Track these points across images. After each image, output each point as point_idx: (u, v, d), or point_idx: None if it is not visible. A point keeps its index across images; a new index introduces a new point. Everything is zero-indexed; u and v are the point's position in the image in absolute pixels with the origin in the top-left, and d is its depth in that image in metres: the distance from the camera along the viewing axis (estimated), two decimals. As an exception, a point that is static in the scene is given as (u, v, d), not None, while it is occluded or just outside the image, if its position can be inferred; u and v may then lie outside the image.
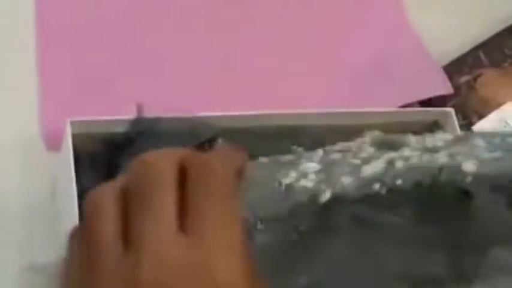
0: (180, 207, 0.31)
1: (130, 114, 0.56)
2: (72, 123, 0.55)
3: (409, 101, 0.69)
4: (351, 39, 0.75)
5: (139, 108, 0.56)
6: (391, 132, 0.61)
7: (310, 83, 0.71)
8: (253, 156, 0.58)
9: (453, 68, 0.73)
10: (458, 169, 0.47)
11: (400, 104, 0.68)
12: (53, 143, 0.63)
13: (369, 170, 0.47)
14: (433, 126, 0.64)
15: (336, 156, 0.49)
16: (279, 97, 0.69)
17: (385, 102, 0.68)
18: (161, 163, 0.31)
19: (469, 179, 0.47)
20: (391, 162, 0.47)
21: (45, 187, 0.63)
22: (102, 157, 0.57)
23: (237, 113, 0.58)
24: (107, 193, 0.32)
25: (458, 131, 0.63)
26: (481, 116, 0.72)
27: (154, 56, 0.70)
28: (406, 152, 0.48)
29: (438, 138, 0.51)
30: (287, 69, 0.71)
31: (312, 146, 0.59)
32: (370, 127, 0.61)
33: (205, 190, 0.31)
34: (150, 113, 0.56)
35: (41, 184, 0.63)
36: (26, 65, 0.68)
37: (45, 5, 0.71)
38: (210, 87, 0.69)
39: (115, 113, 0.57)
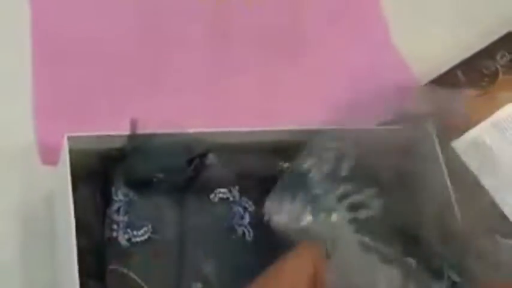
0: None
1: (125, 130, 0.58)
2: (70, 138, 0.56)
3: (389, 118, 0.71)
4: (332, 57, 0.77)
5: (134, 124, 0.58)
6: (372, 148, 0.63)
7: (293, 100, 0.73)
8: (243, 171, 0.61)
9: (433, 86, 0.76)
10: None
11: (379, 121, 0.70)
12: (48, 157, 0.65)
13: None
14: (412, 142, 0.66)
15: None
16: (261, 112, 0.71)
17: (366, 119, 0.70)
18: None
19: None
20: None
21: (41, 200, 0.65)
22: (97, 172, 0.59)
23: (227, 129, 0.60)
24: None
25: (438, 148, 0.66)
26: (460, 133, 0.75)
27: (149, 69, 0.72)
28: None
29: None
30: (272, 86, 0.74)
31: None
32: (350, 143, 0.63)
33: None
34: (144, 128, 0.58)
35: (37, 197, 0.65)
36: (21, 76, 0.69)
37: (41, 17, 0.72)
38: (205, 98, 0.71)
39: (110, 126, 0.58)
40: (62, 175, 0.57)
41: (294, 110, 0.72)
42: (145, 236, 0.57)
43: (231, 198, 0.61)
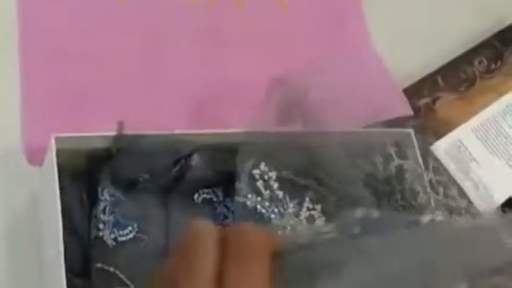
0: (218, 270, 0.36)
1: (111, 131, 0.58)
2: (57, 139, 0.57)
3: (370, 122, 0.72)
4: (313, 60, 0.76)
5: (120, 125, 0.58)
6: (353, 151, 0.64)
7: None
8: (227, 172, 0.61)
9: (413, 91, 0.77)
10: None
11: (362, 125, 0.71)
12: (34, 157, 0.64)
13: None
14: (393, 146, 0.67)
15: None
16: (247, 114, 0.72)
17: (346, 122, 0.71)
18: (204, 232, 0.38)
19: None
20: None
21: (27, 200, 0.65)
22: (82, 172, 0.59)
23: (212, 131, 0.61)
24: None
25: (417, 151, 0.67)
26: (439, 137, 0.76)
27: (139, 69, 0.72)
28: None
29: None
30: (256, 88, 0.74)
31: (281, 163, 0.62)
32: (332, 146, 0.64)
33: (237, 253, 0.37)
34: (130, 129, 0.58)
35: (22, 197, 0.65)
36: (8, 77, 0.69)
37: (29, 18, 0.72)
38: (196, 100, 0.72)
39: (96, 127, 0.59)
40: (48, 175, 0.57)
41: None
42: (131, 235, 0.57)
43: (215, 199, 0.61)
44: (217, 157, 0.61)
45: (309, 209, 0.62)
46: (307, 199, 0.62)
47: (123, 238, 0.57)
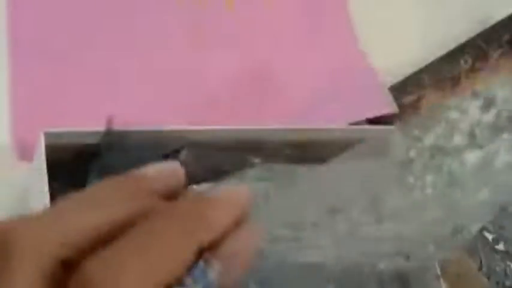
0: None
1: (101, 126, 0.59)
2: (46, 134, 0.57)
3: (356, 119, 0.73)
4: (300, 58, 0.78)
5: (110, 121, 0.59)
6: (338, 148, 0.65)
7: (261, 101, 0.75)
8: (216, 168, 0.62)
9: (398, 89, 0.78)
10: None
11: (347, 122, 0.72)
12: (24, 153, 0.65)
13: None
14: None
15: None
16: (235, 112, 0.73)
17: (333, 119, 0.72)
18: None
19: None
20: None
21: (17, 195, 0.65)
22: (71, 167, 0.59)
23: (201, 127, 0.62)
24: None
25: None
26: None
27: (129, 68, 0.73)
28: None
29: None
30: (240, 86, 0.75)
31: (268, 159, 0.63)
32: (319, 143, 0.65)
33: None
34: (119, 125, 0.59)
35: (12, 193, 0.65)
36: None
37: (17, 14, 0.72)
38: (185, 99, 0.72)
39: (85, 124, 0.59)
40: (37, 170, 0.57)
41: (262, 110, 0.74)
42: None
43: (203, 195, 0.62)
44: (206, 153, 0.62)
45: None
46: None
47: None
